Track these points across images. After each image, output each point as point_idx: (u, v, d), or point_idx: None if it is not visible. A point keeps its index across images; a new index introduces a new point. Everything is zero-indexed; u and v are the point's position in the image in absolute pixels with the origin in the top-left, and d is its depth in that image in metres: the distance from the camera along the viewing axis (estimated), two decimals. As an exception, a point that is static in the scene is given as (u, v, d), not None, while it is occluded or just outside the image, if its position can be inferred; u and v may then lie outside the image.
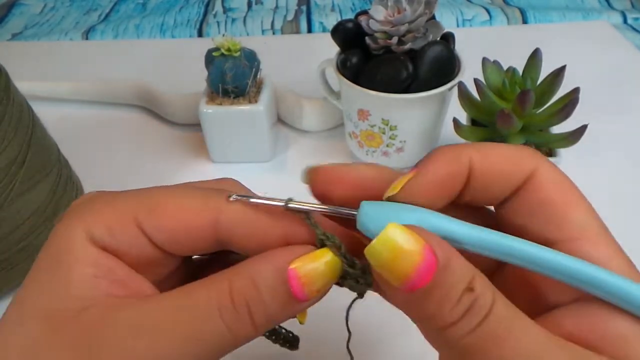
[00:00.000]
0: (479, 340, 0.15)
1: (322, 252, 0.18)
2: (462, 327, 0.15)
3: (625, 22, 0.73)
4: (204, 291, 0.17)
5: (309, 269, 0.17)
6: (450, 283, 0.15)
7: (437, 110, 0.42)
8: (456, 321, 0.15)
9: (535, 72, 0.40)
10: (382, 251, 0.15)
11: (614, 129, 0.51)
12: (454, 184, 0.17)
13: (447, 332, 0.15)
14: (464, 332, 0.15)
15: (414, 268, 0.15)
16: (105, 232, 0.18)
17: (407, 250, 0.15)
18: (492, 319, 0.15)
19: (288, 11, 0.79)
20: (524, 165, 0.17)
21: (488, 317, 0.15)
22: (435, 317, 0.15)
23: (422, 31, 0.40)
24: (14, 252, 0.35)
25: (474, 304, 0.15)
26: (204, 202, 0.18)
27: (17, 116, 0.34)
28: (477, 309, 0.15)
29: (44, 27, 0.79)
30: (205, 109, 0.45)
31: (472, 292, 0.15)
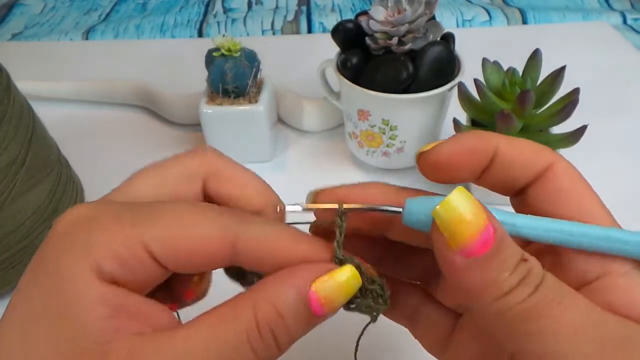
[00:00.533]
0: (535, 307, 0.15)
1: (341, 270, 0.18)
2: (519, 293, 0.16)
3: (625, 22, 0.73)
4: (232, 323, 0.17)
5: (328, 289, 0.17)
6: (508, 252, 0.16)
7: (437, 110, 0.42)
8: (514, 287, 0.16)
9: (535, 72, 0.40)
10: (451, 211, 0.16)
11: (614, 129, 0.52)
12: (479, 158, 0.18)
13: (503, 300, 0.16)
14: (520, 298, 0.16)
15: (478, 232, 0.16)
16: (117, 266, 0.17)
17: (474, 213, 0.16)
18: (545, 287, 0.16)
19: (288, 11, 0.79)
20: (544, 156, 0.18)
21: (541, 285, 0.16)
22: (493, 285, 0.16)
23: (422, 31, 0.40)
24: (14, 252, 0.35)
25: (529, 273, 0.16)
26: (221, 229, 0.18)
27: (18, 116, 0.34)
28: (532, 277, 0.16)
29: (44, 27, 0.79)
30: (206, 109, 0.45)
31: (526, 262, 0.16)
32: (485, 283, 0.16)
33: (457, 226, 0.16)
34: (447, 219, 0.16)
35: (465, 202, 0.16)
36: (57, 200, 0.37)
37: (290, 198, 0.32)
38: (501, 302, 0.16)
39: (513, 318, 0.16)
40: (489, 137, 0.19)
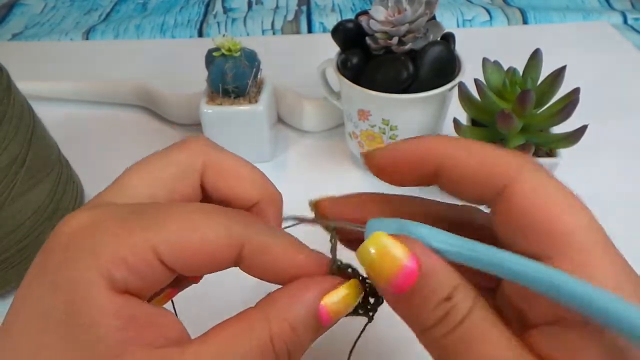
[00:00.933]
0: (453, 342, 0.16)
1: (346, 285, 0.19)
2: (438, 330, 0.16)
3: (625, 22, 0.73)
4: (246, 340, 0.17)
5: (335, 302, 0.19)
6: (430, 290, 0.16)
7: (437, 110, 0.42)
8: (433, 325, 0.16)
9: (535, 72, 0.40)
10: (368, 252, 0.17)
11: (614, 129, 0.52)
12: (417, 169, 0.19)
13: (426, 333, 0.17)
14: (440, 334, 0.16)
15: (396, 272, 0.16)
16: (127, 273, 0.16)
17: (392, 254, 0.16)
18: (466, 325, 0.16)
19: (288, 11, 0.79)
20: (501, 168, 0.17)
21: (463, 323, 0.16)
22: (416, 319, 0.17)
23: (423, 31, 0.40)
24: (14, 252, 0.35)
25: (451, 311, 0.16)
26: (228, 233, 0.18)
27: (18, 116, 0.34)
28: (453, 315, 0.16)
29: (44, 27, 0.79)
30: (206, 109, 0.45)
31: (449, 300, 0.16)
32: (411, 317, 0.17)
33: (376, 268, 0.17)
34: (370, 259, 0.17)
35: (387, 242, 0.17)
36: (57, 200, 0.37)
37: (290, 198, 0.32)
38: (426, 334, 0.17)
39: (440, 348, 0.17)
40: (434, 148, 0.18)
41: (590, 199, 0.18)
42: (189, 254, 0.17)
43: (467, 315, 0.16)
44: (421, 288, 0.16)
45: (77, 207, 0.40)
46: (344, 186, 0.47)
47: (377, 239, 0.17)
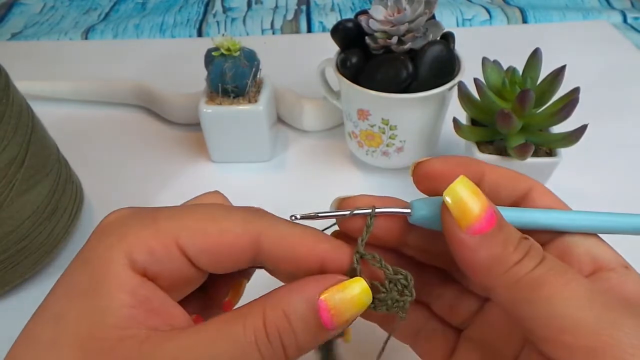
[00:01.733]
0: (541, 276, 0.17)
1: (352, 282, 0.18)
2: (525, 265, 0.17)
3: (625, 21, 0.73)
4: (241, 326, 0.17)
5: (338, 300, 0.18)
6: (510, 231, 0.18)
7: (437, 110, 0.42)
8: (520, 259, 0.17)
9: (535, 71, 0.39)
10: (459, 192, 0.18)
11: (614, 129, 0.51)
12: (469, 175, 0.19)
13: (511, 271, 0.17)
14: (527, 269, 0.17)
15: (483, 211, 0.17)
16: (147, 255, 0.18)
17: (478, 195, 0.18)
18: (549, 259, 0.17)
19: (288, 11, 0.79)
20: (523, 182, 0.21)
21: (545, 258, 0.17)
22: (500, 258, 0.17)
23: (422, 31, 0.40)
24: (14, 252, 0.35)
25: (532, 248, 0.18)
26: (244, 223, 0.19)
27: (17, 116, 0.34)
28: (535, 251, 0.17)
29: (43, 26, 0.79)
30: (205, 108, 0.45)
31: (527, 239, 0.18)
32: (493, 258, 0.17)
33: (465, 206, 0.18)
34: (456, 200, 0.18)
35: (470, 185, 0.18)
36: (56, 200, 0.37)
37: (289, 197, 0.32)
38: (510, 274, 0.17)
39: (523, 288, 0.17)
40: (477, 161, 0.21)
41: (590, 198, 0.19)
42: (209, 243, 0.18)
43: (546, 255, 0.17)
44: (504, 227, 0.18)
45: (77, 208, 0.40)
46: (343, 186, 0.47)
47: (464, 181, 0.18)
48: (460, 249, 0.18)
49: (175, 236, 0.18)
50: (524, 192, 0.20)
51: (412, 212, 0.20)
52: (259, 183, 0.47)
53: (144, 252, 0.18)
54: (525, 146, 0.37)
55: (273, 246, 0.19)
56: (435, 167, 0.21)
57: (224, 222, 0.19)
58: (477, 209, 0.17)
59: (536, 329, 0.17)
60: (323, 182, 0.47)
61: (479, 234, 0.17)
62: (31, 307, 0.18)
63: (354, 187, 0.47)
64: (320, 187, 0.46)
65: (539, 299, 0.16)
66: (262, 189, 0.46)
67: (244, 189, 0.45)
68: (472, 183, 0.18)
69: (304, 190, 0.46)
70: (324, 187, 0.47)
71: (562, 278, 0.17)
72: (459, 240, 0.18)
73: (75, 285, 0.18)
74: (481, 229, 0.17)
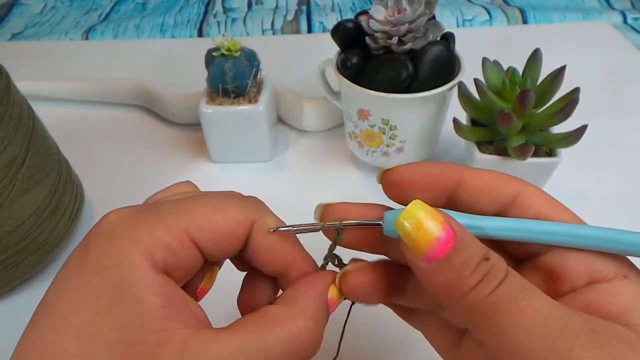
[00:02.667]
0: (498, 300, 0.16)
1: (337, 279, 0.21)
2: (481, 289, 0.16)
3: (625, 22, 0.73)
4: (275, 333, 0.18)
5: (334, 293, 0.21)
6: (468, 253, 0.17)
7: (437, 110, 0.42)
8: (475, 284, 0.16)
9: (535, 72, 0.40)
10: (407, 222, 0.17)
11: (614, 129, 0.52)
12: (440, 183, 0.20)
13: (467, 296, 0.17)
14: (483, 294, 0.16)
15: (435, 237, 0.17)
16: (165, 252, 0.18)
17: (429, 221, 0.17)
18: (508, 283, 0.17)
19: (288, 11, 0.79)
20: (509, 185, 0.20)
21: (504, 281, 0.17)
22: (456, 284, 0.17)
23: (422, 31, 0.40)
24: (14, 252, 0.35)
25: (491, 270, 0.17)
26: (244, 211, 0.20)
27: (17, 116, 0.34)
28: (494, 273, 0.17)
29: (44, 27, 0.79)
30: (205, 109, 0.45)
31: (488, 260, 0.17)
32: (449, 283, 0.17)
33: (416, 234, 0.17)
34: (406, 229, 0.17)
35: (421, 211, 0.17)
36: (57, 200, 0.37)
37: (290, 197, 0.32)
38: (466, 299, 0.17)
39: (478, 313, 0.17)
40: (452, 167, 0.20)
41: (590, 198, 0.19)
42: (216, 231, 0.19)
43: (507, 276, 0.17)
44: (460, 251, 0.17)
45: (77, 207, 0.40)
46: (343, 186, 0.47)
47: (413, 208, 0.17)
48: (419, 275, 0.18)
49: (185, 228, 0.19)
50: (512, 196, 0.19)
51: (383, 225, 0.20)
52: (259, 183, 0.47)
53: (162, 250, 0.18)
54: (526, 146, 0.37)
55: (262, 233, 0.21)
56: (402, 175, 0.20)
57: (227, 210, 0.20)
58: (429, 235, 0.17)
59: (496, 354, 0.17)
60: (323, 182, 0.47)
61: (433, 260, 0.17)
62: (31, 307, 0.18)
63: (353, 187, 0.47)
64: (320, 187, 0.46)
65: (495, 326, 0.16)
66: (263, 189, 0.46)
67: (244, 189, 0.45)
68: (426, 206, 0.17)
69: (304, 190, 0.46)
70: (324, 187, 0.47)
71: (519, 303, 0.16)
72: (416, 267, 0.18)
73: (98, 294, 0.17)
74: (434, 256, 0.17)
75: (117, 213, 0.19)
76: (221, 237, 0.19)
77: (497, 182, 0.20)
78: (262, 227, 0.21)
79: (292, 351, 0.18)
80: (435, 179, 0.20)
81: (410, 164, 0.20)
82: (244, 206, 0.20)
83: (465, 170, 0.20)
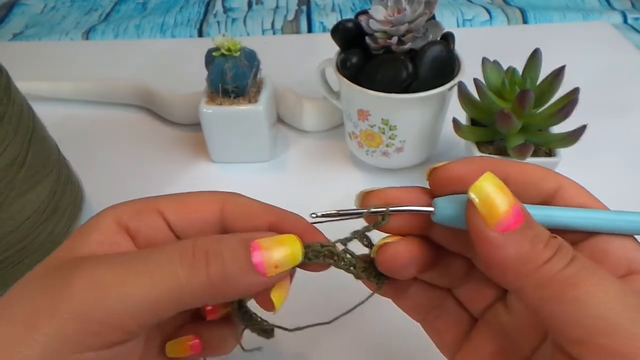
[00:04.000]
0: (572, 276, 0.16)
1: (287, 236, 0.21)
2: (555, 264, 0.16)
3: (625, 22, 0.73)
4: (170, 245, 0.20)
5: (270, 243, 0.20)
6: (538, 228, 0.17)
7: (436, 110, 0.42)
8: (550, 257, 0.17)
9: (535, 72, 0.40)
10: (486, 188, 0.17)
11: (613, 129, 0.52)
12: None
13: (542, 269, 0.17)
14: (557, 268, 0.16)
15: (511, 207, 0.17)
16: (132, 215, 0.21)
17: (505, 191, 0.17)
18: (580, 258, 0.17)
19: (288, 11, 0.79)
20: (552, 178, 0.20)
21: (576, 258, 0.17)
22: (529, 256, 0.17)
23: (422, 31, 0.40)
24: (14, 252, 0.35)
25: (562, 246, 0.17)
26: (213, 196, 0.23)
27: (18, 116, 0.34)
28: (566, 249, 0.17)
29: (44, 27, 0.79)
30: (205, 109, 0.45)
31: (556, 238, 0.17)
32: (522, 256, 0.17)
33: (492, 203, 0.17)
34: (482, 197, 0.17)
35: (496, 182, 0.17)
36: (57, 200, 0.37)
37: (289, 198, 0.32)
38: (539, 272, 0.17)
39: (553, 287, 0.16)
40: (498, 162, 0.20)
41: None
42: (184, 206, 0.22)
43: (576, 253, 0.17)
44: (532, 224, 0.17)
45: (77, 208, 0.41)
46: (343, 186, 0.47)
47: (490, 177, 0.17)
48: (487, 247, 0.17)
49: (157, 205, 0.22)
50: (553, 190, 0.20)
51: (435, 211, 0.20)
52: (259, 183, 0.47)
53: (130, 212, 0.21)
54: (525, 146, 0.37)
55: (235, 209, 0.22)
56: (455, 171, 0.20)
57: (198, 194, 0.23)
58: (505, 205, 0.17)
59: (567, 329, 0.16)
60: (323, 182, 0.47)
61: (506, 231, 0.17)
62: (31, 306, 0.18)
63: (353, 187, 0.46)
64: (320, 187, 0.46)
65: (572, 299, 0.16)
66: (262, 189, 0.46)
67: (244, 189, 0.45)
68: (499, 179, 0.18)
69: (304, 190, 0.46)
70: (323, 187, 0.47)
71: (594, 278, 0.16)
72: (485, 238, 0.17)
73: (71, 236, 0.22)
74: (509, 226, 0.17)
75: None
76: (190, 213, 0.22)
77: (540, 175, 0.20)
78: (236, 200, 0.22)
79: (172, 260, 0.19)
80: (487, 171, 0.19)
81: (459, 161, 0.20)
82: (214, 192, 0.23)
83: (510, 165, 0.20)
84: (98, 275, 0.18)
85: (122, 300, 0.18)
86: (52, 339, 0.17)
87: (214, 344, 0.24)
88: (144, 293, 0.18)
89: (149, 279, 0.18)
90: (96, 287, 0.18)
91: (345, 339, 0.34)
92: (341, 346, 0.34)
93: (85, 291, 0.18)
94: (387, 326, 0.34)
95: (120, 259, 0.19)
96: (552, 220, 0.19)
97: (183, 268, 0.19)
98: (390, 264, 0.21)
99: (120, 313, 0.18)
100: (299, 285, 0.23)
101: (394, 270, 0.21)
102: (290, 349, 0.34)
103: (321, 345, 0.34)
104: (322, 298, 0.34)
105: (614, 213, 0.19)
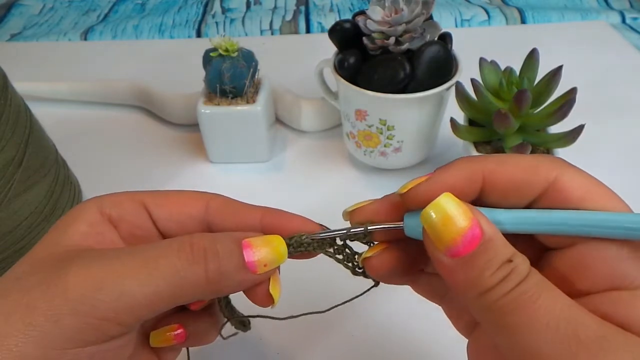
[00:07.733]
0: (513, 301, 0.16)
1: (273, 237, 0.21)
2: (499, 290, 0.16)
3: (623, 22, 0.73)
4: (165, 241, 0.20)
5: (259, 243, 0.21)
6: (492, 254, 0.17)
7: (434, 110, 0.42)
8: (494, 286, 0.16)
9: (532, 72, 0.40)
10: (434, 214, 0.17)
11: (611, 129, 0.52)
12: (460, 194, 0.18)
13: (485, 295, 0.17)
14: (500, 294, 0.16)
15: (461, 234, 0.17)
16: (115, 205, 0.22)
17: (457, 216, 0.17)
18: (526, 283, 0.16)
19: (287, 11, 0.79)
20: (542, 174, 0.18)
21: (523, 282, 0.16)
22: (475, 282, 0.17)
23: (420, 31, 0.40)
24: (11, 253, 0.35)
25: (512, 272, 0.16)
26: (198, 194, 0.23)
27: (15, 117, 0.34)
28: (514, 276, 0.16)
29: (42, 27, 0.79)
30: (203, 109, 0.45)
31: (510, 263, 0.17)
32: (469, 281, 0.17)
33: (442, 228, 0.17)
34: (432, 222, 0.17)
35: (450, 206, 0.17)
36: (54, 200, 0.37)
37: (288, 197, 0.32)
38: (483, 298, 0.17)
39: (494, 312, 0.17)
40: (484, 161, 0.19)
41: None
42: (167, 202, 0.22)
43: (527, 276, 0.17)
44: (485, 251, 0.17)
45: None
46: (341, 186, 0.47)
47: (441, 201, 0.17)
48: (439, 270, 0.18)
49: (141, 198, 0.22)
50: (546, 184, 0.18)
51: (404, 229, 0.20)
52: (257, 183, 0.47)
53: (113, 202, 0.22)
54: (523, 146, 0.37)
55: (220, 207, 0.22)
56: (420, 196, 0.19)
57: (182, 192, 0.23)
58: (455, 231, 0.17)
59: (506, 353, 0.17)
60: (321, 182, 0.47)
61: (455, 257, 0.17)
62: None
63: (351, 187, 0.47)
64: (318, 188, 0.46)
65: (506, 326, 0.16)
66: (261, 189, 0.46)
67: (242, 190, 0.45)
68: (456, 200, 0.17)
69: (302, 190, 0.46)
70: (322, 187, 0.47)
71: (534, 304, 0.16)
72: (437, 260, 0.18)
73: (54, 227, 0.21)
74: (458, 252, 0.17)
75: None
76: (173, 208, 0.22)
77: (525, 173, 0.18)
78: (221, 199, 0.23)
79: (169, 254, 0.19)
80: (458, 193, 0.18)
81: (429, 182, 0.19)
82: (198, 192, 0.23)
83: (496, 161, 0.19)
84: (95, 270, 0.18)
85: (121, 295, 0.18)
86: (50, 334, 0.17)
87: (197, 334, 0.24)
88: (142, 287, 0.18)
89: (147, 274, 0.18)
90: (93, 283, 0.18)
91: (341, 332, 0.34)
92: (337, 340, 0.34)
93: (81, 286, 0.18)
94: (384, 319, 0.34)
95: (115, 254, 0.19)
96: (526, 228, 0.18)
97: (182, 263, 0.19)
98: (376, 275, 0.22)
99: (119, 308, 0.18)
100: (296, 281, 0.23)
101: (382, 279, 0.22)
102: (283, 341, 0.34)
103: (317, 339, 0.34)
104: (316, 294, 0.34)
105: (602, 214, 0.18)
